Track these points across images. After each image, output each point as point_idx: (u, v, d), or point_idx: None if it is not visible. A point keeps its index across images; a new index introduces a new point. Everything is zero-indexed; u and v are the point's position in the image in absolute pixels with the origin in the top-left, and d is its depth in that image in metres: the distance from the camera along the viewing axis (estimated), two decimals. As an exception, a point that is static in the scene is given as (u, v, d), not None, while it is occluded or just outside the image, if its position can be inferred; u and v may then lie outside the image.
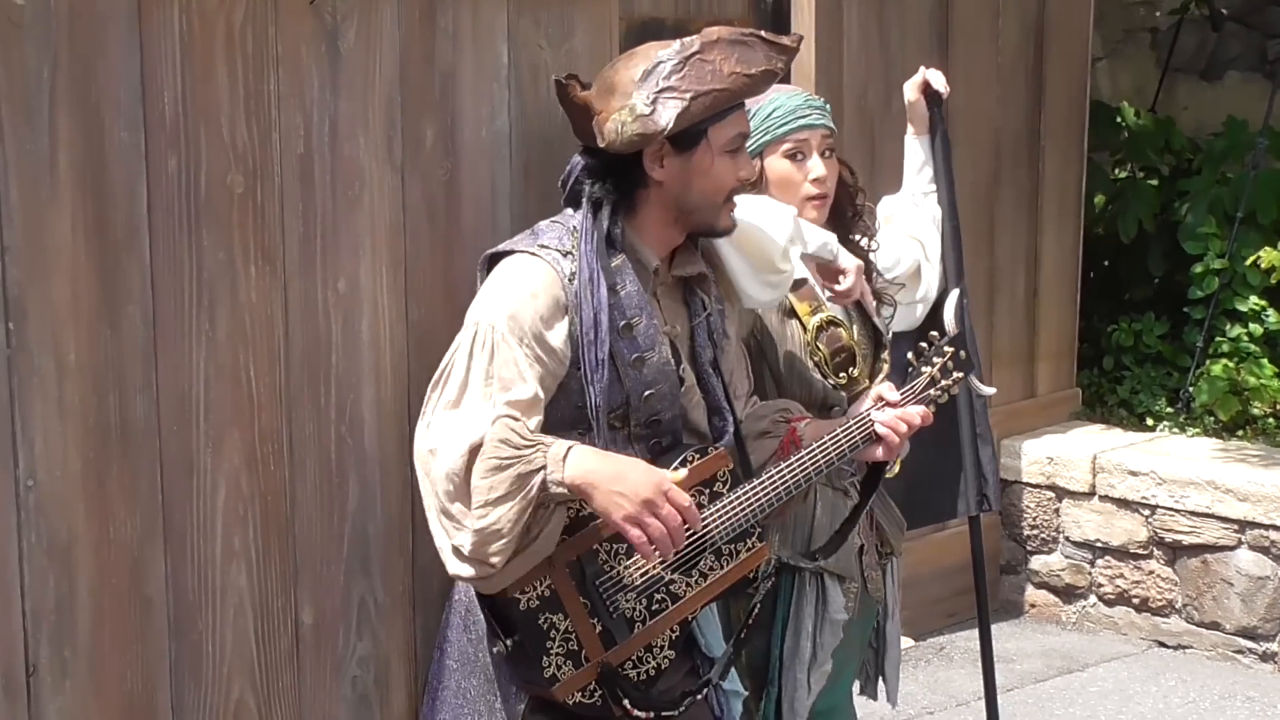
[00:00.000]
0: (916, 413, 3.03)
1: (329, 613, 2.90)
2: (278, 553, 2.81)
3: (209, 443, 2.71)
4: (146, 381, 2.63)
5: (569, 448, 2.61)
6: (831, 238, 3.16)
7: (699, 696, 2.87)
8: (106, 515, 2.60)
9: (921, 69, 3.69)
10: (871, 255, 3.37)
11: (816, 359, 3.20)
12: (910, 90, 3.67)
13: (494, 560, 2.60)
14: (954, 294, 3.32)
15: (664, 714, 2.78)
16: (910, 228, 3.60)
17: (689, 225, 2.84)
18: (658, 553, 2.65)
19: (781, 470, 2.90)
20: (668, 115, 2.71)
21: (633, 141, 2.73)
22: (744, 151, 2.85)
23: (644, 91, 2.73)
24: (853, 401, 3.22)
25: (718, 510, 2.83)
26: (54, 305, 2.52)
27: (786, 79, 4.94)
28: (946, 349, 3.12)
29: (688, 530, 2.67)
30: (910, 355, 3.14)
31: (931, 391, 3.10)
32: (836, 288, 3.18)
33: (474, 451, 2.60)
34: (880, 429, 2.99)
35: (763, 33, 2.80)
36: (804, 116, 3.23)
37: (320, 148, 2.80)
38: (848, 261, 3.19)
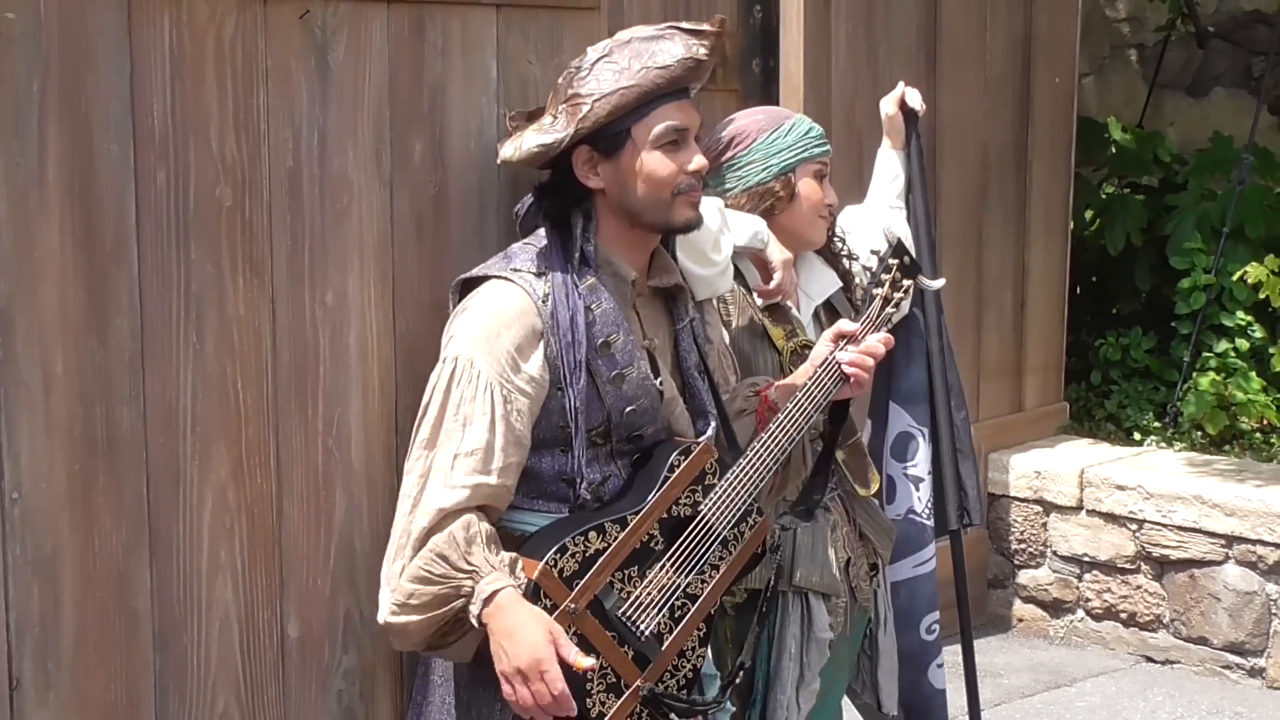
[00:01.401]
0: (878, 340, 3.05)
1: (315, 626, 2.89)
2: (264, 565, 2.81)
3: (196, 455, 2.71)
4: (134, 393, 2.62)
5: (498, 589, 2.60)
6: (761, 225, 3.18)
7: (736, 680, 2.94)
8: (92, 527, 2.60)
9: (900, 84, 3.74)
10: (851, 264, 3.41)
11: None
12: (889, 104, 3.73)
13: (395, 644, 2.74)
14: (886, 210, 3.40)
15: (711, 712, 2.84)
16: (869, 239, 3.63)
17: (647, 227, 2.82)
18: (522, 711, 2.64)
19: (764, 441, 2.90)
20: (562, 125, 2.75)
21: (533, 154, 2.77)
22: (689, 144, 2.80)
23: (554, 104, 2.79)
24: (830, 418, 3.21)
25: (715, 501, 2.83)
26: (41, 317, 2.52)
27: (775, 95, 4.96)
28: (891, 262, 3.14)
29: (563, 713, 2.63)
30: (859, 283, 3.17)
31: (888, 310, 3.12)
32: (767, 287, 3.21)
33: (426, 536, 2.63)
34: (848, 369, 3.01)
35: (683, 24, 2.79)
36: (828, 143, 3.33)
37: (309, 161, 2.80)
38: (777, 255, 3.21)
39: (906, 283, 3.16)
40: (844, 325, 3.05)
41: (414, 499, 2.67)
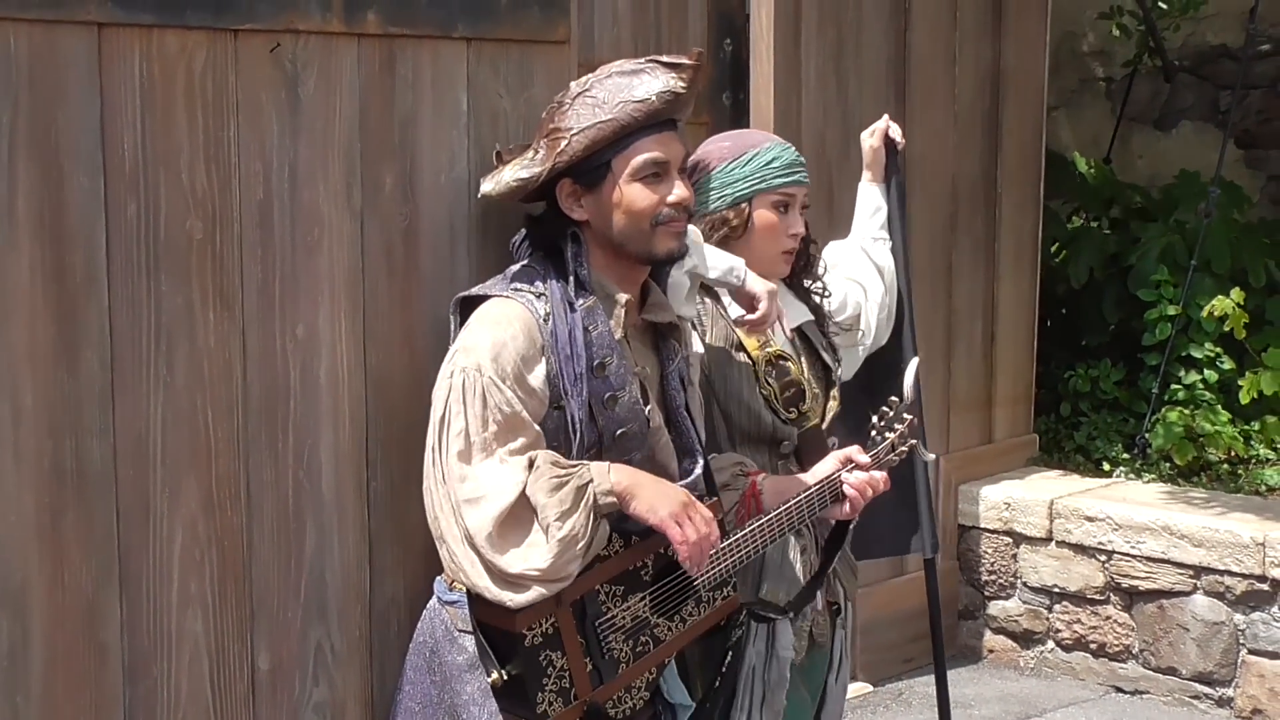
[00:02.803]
0: (881, 477, 3.16)
1: (285, 658, 2.89)
2: (234, 598, 2.81)
3: (166, 488, 2.71)
4: (103, 426, 2.62)
5: (608, 464, 2.73)
6: (739, 263, 3.15)
7: None
8: (61, 560, 2.59)
9: (884, 117, 3.74)
10: (824, 302, 3.41)
11: (765, 393, 3.22)
12: (873, 137, 3.72)
13: (570, 570, 2.67)
14: (914, 361, 3.42)
15: None
16: (851, 270, 3.63)
17: (630, 257, 2.85)
18: (689, 560, 2.74)
19: (761, 525, 2.97)
20: (540, 160, 2.80)
21: (511, 189, 2.83)
22: (670, 176, 2.83)
23: (538, 138, 2.84)
24: (803, 437, 3.25)
25: None
26: (11, 349, 2.51)
27: (745, 127, 4.99)
28: (906, 416, 3.26)
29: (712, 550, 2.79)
30: (874, 419, 3.22)
31: (891, 456, 3.24)
32: (750, 316, 3.17)
33: (520, 497, 2.65)
34: (849, 490, 3.11)
35: (662, 57, 2.82)
36: (796, 173, 3.30)
37: (280, 194, 2.81)
38: (757, 285, 3.16)
39: (911, 442, 3.29)
40: (856, 454, 3.15)
41: (483, 495, 2.67)
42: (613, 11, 4.68)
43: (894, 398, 3.28)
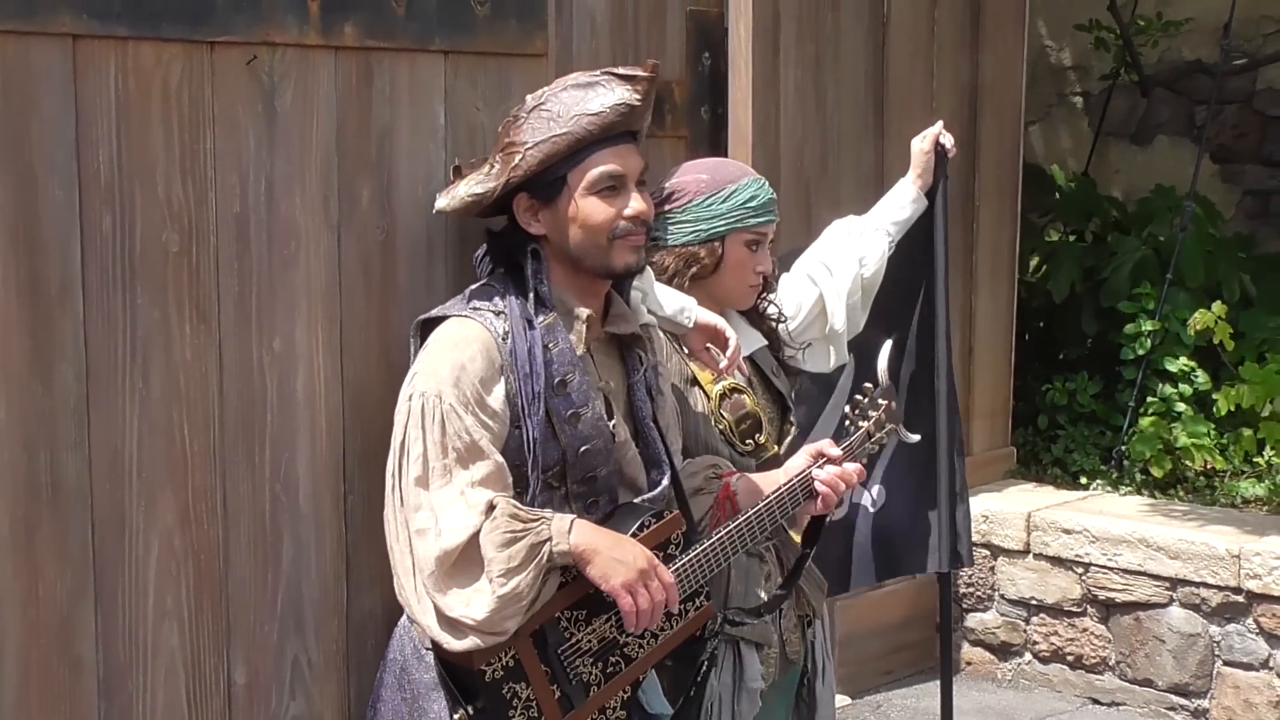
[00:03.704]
0: (854, 470, 3.09)
1: (262, 672, 2.88)
2: (210, 612, 2.80)
3: (142, 501, 2.70)
4: (78, 439, 2.61)
5: (571, 520, 2.68)
6: (689, 302, 3.13)
7: None
8: (36, 574, 2.58)
9: (938, 124, 3.75)
10: (779, 326, 3.40)
11: (721, 427, 3.19)
12: (924, 142, 3.77)
13: (508, 626, 2.63)
14: (887, 344, 3.36)
15: None
16: (820, 254, 3.61)
17: (589, 271, 2.83)
18: (633, 629, 2.71)
19: (730, 531, 2.93)
20: (496, 174, 2.78)
21: (466, 204, 2.81)
22: (627, 189, 2.81)
23: (494, 152, 2.82)
24: (761, 468, 3.22)
25: (672, 572, 2.84)
26: (-15, 363, 2.51)
27: (724, 141, 4.99)
28: (880, 402, 3.19)
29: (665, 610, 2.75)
30: (846, 408, 3.18)
31: (867, 444, 3.17)
32: (723, 365, 3.14)
33: (472, 539, 2.62)
34: (820, 487, 3.05)
35: (617, 69, 2.80)
36: (771, 212, 3.27)
37: (256, 207, 2.80)
38: (712, 320, 3.14)
39: (889, 427, 3.22)
40: (827, 448, 3.09)
41: (434, 528, 2.64)
42: (590, 24, 4.66)
43: (867, 384, 3.24)
